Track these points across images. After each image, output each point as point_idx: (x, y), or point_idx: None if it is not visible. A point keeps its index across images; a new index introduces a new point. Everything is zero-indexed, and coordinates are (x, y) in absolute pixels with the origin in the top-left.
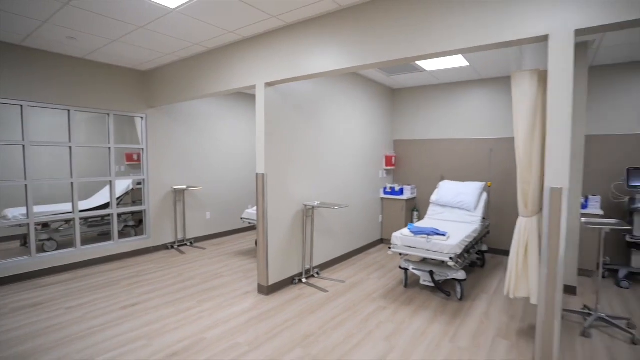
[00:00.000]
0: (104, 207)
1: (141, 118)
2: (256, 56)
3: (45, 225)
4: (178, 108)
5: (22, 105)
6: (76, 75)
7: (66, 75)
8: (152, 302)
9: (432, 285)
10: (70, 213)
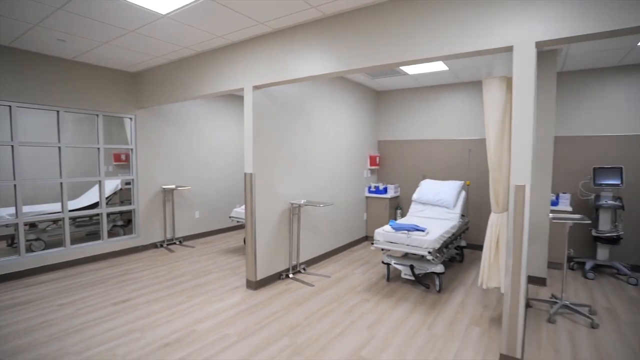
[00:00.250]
0: (93, 207)
1: (130, 119)
2: (244, 60)
3: (32, 225)
4: (167, 109)
5: (11, 105)
6: (65, 76)
7: (55, 76)
8: (143, 298)
9: (413, 278)
10: (59, 213)
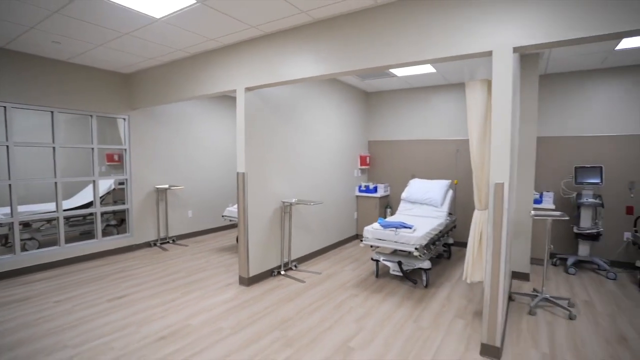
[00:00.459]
0: (86, 207)
1: (124, 119)
2: (237, 62)
3: (26, 224)
4: (160, 109)
5: (6, 106)
6: (60, 77)
7: (50, 77)
8: (138, 295)
9: (401, 274)
10: (54, 212)
